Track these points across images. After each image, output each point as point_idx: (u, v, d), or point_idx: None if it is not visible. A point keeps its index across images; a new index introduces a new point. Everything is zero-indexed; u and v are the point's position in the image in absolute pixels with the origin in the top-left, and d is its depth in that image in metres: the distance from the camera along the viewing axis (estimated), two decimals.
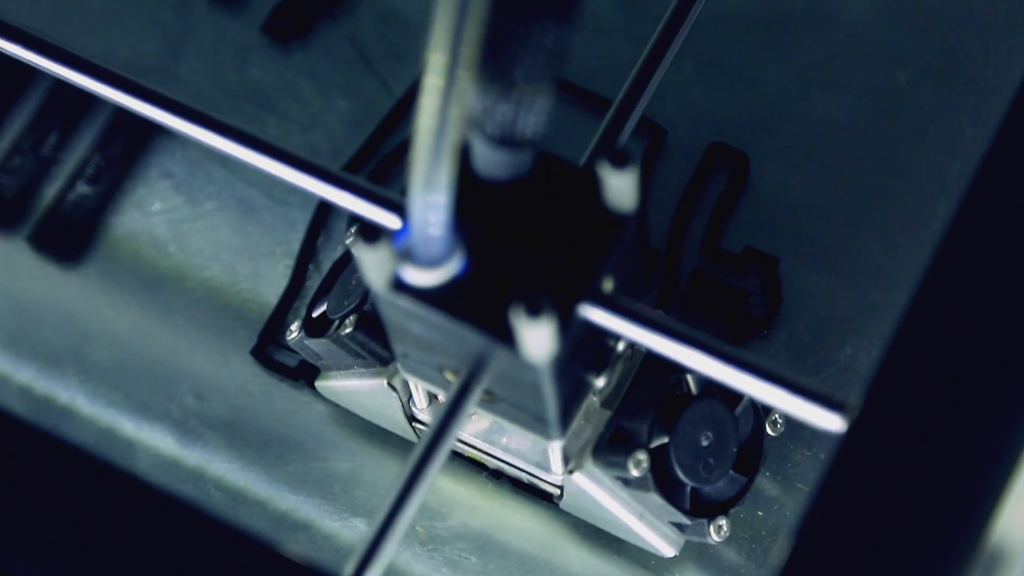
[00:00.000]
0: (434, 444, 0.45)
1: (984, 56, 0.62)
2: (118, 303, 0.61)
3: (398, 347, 0.48)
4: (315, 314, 0.56)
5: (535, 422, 0.48)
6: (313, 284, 0.61)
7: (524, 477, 0.55)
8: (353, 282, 0.55)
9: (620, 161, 0.43)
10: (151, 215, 0.63)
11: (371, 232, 0.42)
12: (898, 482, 0.40)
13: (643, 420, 0.51)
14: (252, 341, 0.60)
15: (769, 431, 0.54)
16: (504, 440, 0.54)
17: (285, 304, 0.60)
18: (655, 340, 0.45)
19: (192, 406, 0.59)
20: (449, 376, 0.47)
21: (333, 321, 0.55)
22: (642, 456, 0.51)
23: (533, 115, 0.43)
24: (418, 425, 0.55)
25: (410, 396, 0.54)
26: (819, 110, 0.62)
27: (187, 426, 0.59)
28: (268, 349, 0.60)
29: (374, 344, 0.54)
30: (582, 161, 0.51)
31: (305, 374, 0.59)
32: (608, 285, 0.44)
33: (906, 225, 0.60)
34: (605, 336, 0.48)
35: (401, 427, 0.56)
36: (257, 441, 0.59)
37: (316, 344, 0.55)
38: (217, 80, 0.64)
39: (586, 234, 0.44)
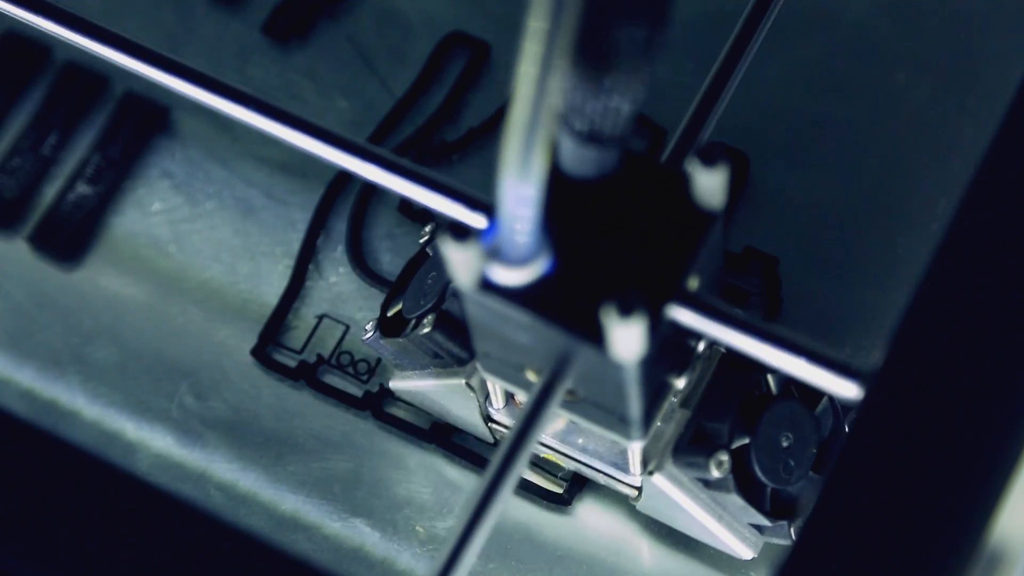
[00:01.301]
0: (518, 442, 0.44)
1: (984, 56, 0.62)
2: (118, 303, 0.61)
3: (481, 346, 0.47)
4: (390, 313, 0.56)
5: (617, 422, 0.47)
6: (313, 284, 0.61)
7: (600, 478, 0.54)
8: (429, 281, 0.54)
9: (710, 158, 0.43)
10: (151, 215, 0.63)
11: (460, 230, 0.42)
12: (898, 482, 0.40)
13: (724, 421, 0.51)
14: (252, 341, 0.60)
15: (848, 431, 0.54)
16: (580, 441, 0.53)
17: (285, 304, 0.60)
18: (744, 341, 0.44)
19: (192, 406, 0.59)
20: (531, 376, 0.47)
21: (409, 321, 0.54)
22: (724, 457, 0.50)
23: (623, 112, 0.42)
24: (494, 426, 0.55)
25: (487, 396, 0.54)
26: (819, 110, 0.62)
27: (187, 426, 0.59)
28: (268, 349, 0.60)
29: (451, 344, 0.53)
30: (663, 158, 0.50)
31: (305, 374, 0.59)
32: (694, 284, 0.44)
33: (906, 225, 0.60)
34: (688, 336, 0.47)
35: (477, 427, 0.56)
36: (257, 441, 0.59)
37: (392, 344, 0.55)
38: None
39: (674, 232, 0.44)
